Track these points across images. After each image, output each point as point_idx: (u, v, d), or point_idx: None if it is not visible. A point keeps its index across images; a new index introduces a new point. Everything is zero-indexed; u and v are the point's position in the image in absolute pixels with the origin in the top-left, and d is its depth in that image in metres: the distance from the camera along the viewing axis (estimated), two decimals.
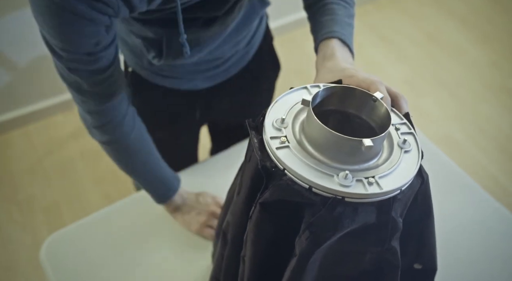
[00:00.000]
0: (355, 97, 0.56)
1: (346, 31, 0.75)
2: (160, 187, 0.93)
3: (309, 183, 0.47)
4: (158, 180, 0.92)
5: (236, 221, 0.61)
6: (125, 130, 0.81)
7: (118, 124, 0.80)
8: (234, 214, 0.62)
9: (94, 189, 1.86)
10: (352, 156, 0.49)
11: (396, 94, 0.60)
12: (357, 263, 0.54)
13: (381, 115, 0.54)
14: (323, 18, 0.77)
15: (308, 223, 0.48)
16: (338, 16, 0.76)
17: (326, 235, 0.49)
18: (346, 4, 0.79)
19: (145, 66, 0.93)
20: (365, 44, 2.46)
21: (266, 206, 0.51)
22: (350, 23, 0.77)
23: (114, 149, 0.85)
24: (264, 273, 0.58)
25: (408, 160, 0.52)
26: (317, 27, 0.77)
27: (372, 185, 0.47)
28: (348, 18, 0.78)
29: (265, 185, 0.51)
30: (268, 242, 0.55)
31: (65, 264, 0.91)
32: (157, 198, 0.94)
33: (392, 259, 0.53)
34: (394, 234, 0.51)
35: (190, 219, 0.95)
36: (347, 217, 0.48)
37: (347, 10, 0.79)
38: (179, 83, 0.97)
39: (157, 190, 0.93)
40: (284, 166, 0.48)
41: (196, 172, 1.06)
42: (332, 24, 0.74)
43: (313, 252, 0.50)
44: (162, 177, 0.92)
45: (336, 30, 0.73)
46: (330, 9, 0.77)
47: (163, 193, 0.93)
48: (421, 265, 0.63)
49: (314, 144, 0.50)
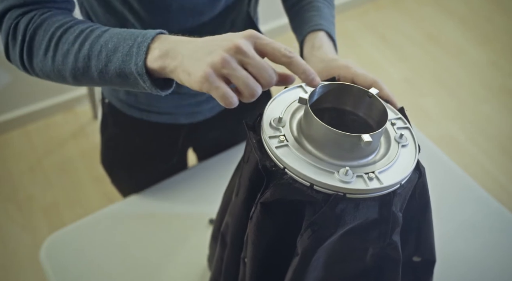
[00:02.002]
0: (351, 94, 0.56)
1: (331, 28, 0.76)
2: (130, 36, 0.54)
3: (310, 181, 0.47)
4: (124, 33, 0.55)
5: (236, 222, 0.60)
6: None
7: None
8: (233, 216, 0.61)
9: (94, 189, 1.86)
10: (351, 153, 0.49)
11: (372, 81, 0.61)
12: (360, 259, 0.54)
13: (378, 111, 0.54)
14: (309, 13, 0.77)
15: (310, 221, 0.48)
16: (323, 13, 0.77)
17: (328, 233, 0.49)
18: (329, 5, 0.80)
19: (120, 97, 0.90)
20: (365, 44, 2.46)
21: (267, 206, 0.51)
22: (333, 22, 0.78)
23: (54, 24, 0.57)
24: (265, 273, 0.58)
25: (405, 154, 0.52)
26: (302, 22, 0.77)
27: (372, 180, 0.48)
28: (332, 17, 0.79)
29: (265, 185, 0.50)
30: (269, 242, 0.55)
31: (65, 264, 0.91)
32: (128, 52, 0.53)
33: (393, 254, 0.53)
34: (395, 228, 0.51)
35: (192, 63, 0.49)
36: (349, 213, 0.48)
37: (330, 10, 0.80)
38: (158, 118, 0.92)
39: (126, 40, 0.54)
40: (284, 164, 0.48)
41: (186, 178, 1.04)
42: (318, 19, 0.75)
43: (316, 250, 0.50)
44: (129, 32, 0.56)
45: (323, 23, 0.74)
46: (316, 7, 0.78)
47: (137, 38, 0.53)
48: (420, 257, 0.63)
49: (313, 141, 0.51)
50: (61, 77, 0.58)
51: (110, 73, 0.54)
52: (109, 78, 0.55)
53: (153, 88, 0.53)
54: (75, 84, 0.59)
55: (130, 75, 0.53)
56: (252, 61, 0.47)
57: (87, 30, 0.56)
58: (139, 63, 0.51)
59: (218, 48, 0.48)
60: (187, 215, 0.99)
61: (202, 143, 1.11)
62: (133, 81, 0.53)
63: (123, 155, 1.02)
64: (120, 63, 0.53)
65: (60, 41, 0.56)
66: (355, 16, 2.60)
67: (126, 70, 0.53)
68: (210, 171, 1.05)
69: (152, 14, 0.71)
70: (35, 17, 0.57)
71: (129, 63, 0.52)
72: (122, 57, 0.53)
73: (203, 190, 1.00)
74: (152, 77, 0.52)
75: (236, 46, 0.47)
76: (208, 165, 1.07)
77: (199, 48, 0.49)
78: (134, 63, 0.52)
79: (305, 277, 0.53)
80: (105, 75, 0.54)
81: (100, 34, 0.55)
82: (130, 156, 1.01)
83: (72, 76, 0.57)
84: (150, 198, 1.01)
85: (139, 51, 0.52)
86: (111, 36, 0.54)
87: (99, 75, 0.55)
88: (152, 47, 0.52)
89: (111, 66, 0.54)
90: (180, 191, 1.02)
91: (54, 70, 0.57)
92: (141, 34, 0.53)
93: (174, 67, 0.50)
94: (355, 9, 2.64)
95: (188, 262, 0.91)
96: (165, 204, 1.00)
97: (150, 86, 0.52)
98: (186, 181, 1.00)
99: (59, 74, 0.57)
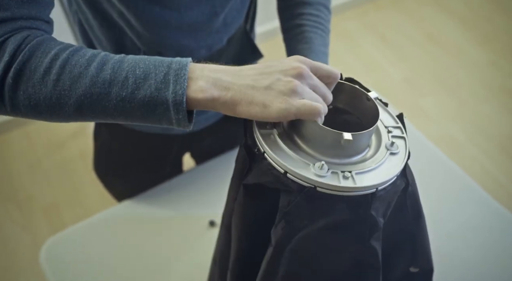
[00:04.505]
0: (349, 93, 0.56)
1: (321, 60, 0.75)
2: (161, 62, 0.49)
3: (284, 168, 0.48)
4: (151, 59, 0.50)
5: (228, 203, 0.62)
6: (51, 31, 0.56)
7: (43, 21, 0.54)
8: (227, 197, 0.63)
9: (94, 189, 1.86)
10: (333, 149, 0.50)
11: None
12: (337, 261, 0.54)
13: (370, 113, 0.54)
14: (299, 46, 0.77)
15: (283, 212, 0.49)
16: (314, 45, 0.76)
17: (302, 224, 0.49)
18: (322, 32, 0.79)
19: None
20: (365, 44, 2.46)
21: (248, 188, 0.52)
22: (325, 52, 0.77)
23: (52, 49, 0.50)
24: (246, 258, 0.58)
25: (392, 162, 0.52)
26: (292, 54, 0.76)
27: (347, 179, 0.48)
28: (324, 47, 0.78)
29: (248, 167, 0.52)
30: (250, 227, 0.55)
31: (65, 267, 0.91)
32: (163, 79, 0.48)
33: (372, 260, 0.53)
34: (374, 233, 0.51)
35: (262, 94, 0.48)
36: (324, 208, 0.48)
37: (323, 39, 0.78)
38: (150, 128, 0.90)
39: (157, 67, 0.49)
40: (264, 149, 0.50)
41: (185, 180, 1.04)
42: (308, 53, 0.75)
43: (289, 241, 0.50)
44: (157, 59, 0.51)
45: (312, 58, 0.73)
46: (307, 38, 0.77)
47: (170, 64, 0.49)
48: (418, 268, 0.63)
49: (299, 133, 0.51)
50: (57, 106, 0.49)
51: (135, 102, 0.48)
52: (130, 108, 0.48)
53: (185, 121, 0.48)
54: (71, 116, 0.50)
55: (162, 105, 0.47)
56: (318, 83, 0.49)
57: (101, 54, 0.50)
58: (179, 91, 0.46)
59: (283, 75, 0.48)
60: (186, 217, 0.99)
61: (197, 150, 1.11)
62: (161, 112, 0.48)
63: (116, 163, 1.02)
64: (153, 91, 0.47)
65: (67, 63, 0.48)
66: (355, 16, 2.60)
67: (159, 99, 0.47)
68: (210, 172, 1.05)
69: (151, 31, 0.71)
70: (29, 37, 0.50)
71: (165, 91, 0.47)
72: (156, 84, 0.47)
73: (203, 192, 1.00)
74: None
75: (300, 71, 0.48)
76: (206, 167, 1.07)
77: (258, 77, 0.48)
78: (172, 91, 0.47)
79: (278, 270, 0.53)
80: (126, 104, 0.48)
81: (120, 59, 0.49)
82: (123, 164, 1.01)
83: (77, 105, 0.48)
84: (150, 201, 1.01)
85: (178, 79, 0.47)
86: (136, 62, 0.49)
87: (118, 103, 0.48)
88: (191, 76, 0.48)
89: (138, 94, 0.47)
90: (180, 194, 1.02)
91: (53, 97, 0.48)
92: (174, 61, 0.49)
93: (233, 99, 0.47)
94: (355, 9, 2.63)
95: (191, 262, 0.91)
96: (165, 207, 1.00)
97: (182, 118, 0.48)
98: (185, 183, 1.00)
99: (57, 102, 0.48)
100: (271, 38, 2.28)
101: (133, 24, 0.70)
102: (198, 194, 1.01)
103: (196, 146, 1.06)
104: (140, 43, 0.73)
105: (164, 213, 0.98)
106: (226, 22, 0.76)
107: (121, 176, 1.04)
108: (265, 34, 2.31)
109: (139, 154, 0.99)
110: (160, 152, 1.01)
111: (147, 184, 1.03)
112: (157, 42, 0.73)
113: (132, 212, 0.99)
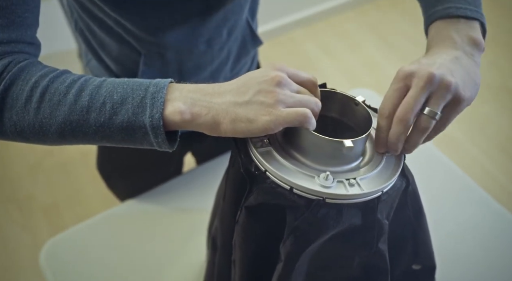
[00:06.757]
0: (337, 100, 0.56)
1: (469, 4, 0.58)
2: (139, 85, 0.49)
3: (290, 184, 0.47)
4: (129, 82, 0.50)
5: (224, 226, 0.60)
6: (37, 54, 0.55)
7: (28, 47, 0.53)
8: (221, 219, 0.61)
9: (94, 189, 1.86)
10: (333, 158, 0.50)
11: None
12: (346, 268, 0.54)
13: (363, 118, 0.54)
14: None
15: (292, 226, 0.48)
16: None
17: (311, 238, 0.49)
18: None
19: None
20: (365, 44, 2.46)
21: (252, 210, 0.51)
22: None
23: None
24: (254, 278, 0.57)
25: (390, 163, 0.52)
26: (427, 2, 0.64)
27: (353, 187, 0.48)
28: None
29: (249, 189, 0.50)
30: (256, 247, 0.54)
31: (65, 268, 0.91)
32: (140, 103, 0.47)
33: (380, 263, 0.52)
34: (381, 236, 0.50)
35: (245, 109, 0.46)
36: (332, 219, 0.48)
37: None
38: None
39: (135, 91, 0.48)
40: (266, 167, 0.49)
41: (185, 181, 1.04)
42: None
43: (299, 256, 0.50)
44: (136, 82, 0.50)
45: (437, 8, 0.60)
46: None
47: (148, 87, 0.48)
48: (420, 265, 0.63)
49: (296, 146, 0.51)
50: (41, 133, 0.49)
51: (114, 127, 0.47)
52: (110, 133, 0.48)
53: (165, 143, 0.48)
54: (56, 142, 0.50)
55: (140, 129, 0.47)
56: (299, 89, 0.48)
57: (81, 80, 0.49)
58: (156, 115, 0.46)
59: (263, 86, 0.46)
60: (186, 218, 0.99)
61: (199, 149, 1.12)
62: (140, 136, 0.48)
63: (119, 163, 1.02)
64: (130, 115, 0.47)
65: (47, 91, 0.48)
66: (355, 16, 2.60)
67: (136, 123, 0.47)
68: (210, 172, 1.06)
69: (148, 33, 0.71)
70: (11, 65, 0.49)
71: (142, 115, 0.46)
72: (133, 109, 0.46)
73: (203, 193, 1.00)
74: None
75: (279, 80, 0.46)
76: (206, 167, 1.07)
77: (237, 92, 0.47)
78: (149, 116, 0.46)
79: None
80: (106, 129, 0.48)
81: (99, 84, 0.48)
82: (126, 165, 1.01)
83: (59, 132, 0.48)
84: (149, 201, 1.01)
85: (154, 102, 0.46)
86: (114, 86, 0.48)
87: (97, 129, 0.48)
88: (169, 98, 0.47)
89: (116, 120, 0.47)
90: (180, 194, 1.02)
91: (36, 124, 0.48)
92: (152, 83, 0.48)
93: (215, 118, 0.46)
94: (355, 9, 2.63)
95: (191, 262, 0.91)
96: (165, 207, 1.00)
97: (162, 141, 0.47)
98: (185, 183, 1.00)
99: (40, 130, 0.49)
100: (271, 38, 2.30)
101: (129, 28, 0.70)
102: (198, 194, 1.01)
103: (197, 145, 1.06)
104: (139, 46, 0.74)
105: (164, 213, 0.98)
106: (226, 12, 0.74)
107: (125, 176, 1.04)
108: (265, 34, 2.31)
109: (143, 154, 0.99)
110: (162, 153, 1.00)
111: (150, 183, 1.03)
112: (156, 44, 0.73)
113: (132, 213, 0.99)
